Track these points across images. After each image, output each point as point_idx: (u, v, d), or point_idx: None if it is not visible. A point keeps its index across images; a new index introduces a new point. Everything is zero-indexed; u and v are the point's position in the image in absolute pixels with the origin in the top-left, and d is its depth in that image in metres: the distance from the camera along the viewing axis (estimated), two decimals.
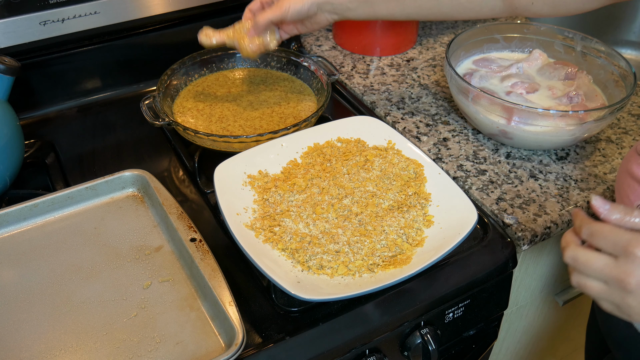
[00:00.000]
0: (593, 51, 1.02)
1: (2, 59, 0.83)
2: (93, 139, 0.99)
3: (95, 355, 0.65)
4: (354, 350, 0.70)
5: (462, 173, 0.91)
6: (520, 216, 0.84)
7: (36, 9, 0.92)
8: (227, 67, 1.08)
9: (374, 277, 0.71)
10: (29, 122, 1.00)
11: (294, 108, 1.00)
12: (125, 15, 1.00)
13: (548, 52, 1.07)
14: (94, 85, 1.06)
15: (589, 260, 0.54)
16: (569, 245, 0.56)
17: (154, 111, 0.91)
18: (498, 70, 1.04)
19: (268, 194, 0.81)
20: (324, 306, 0.72)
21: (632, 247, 0.51)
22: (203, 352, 0.65)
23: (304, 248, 0.73)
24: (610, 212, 0.54)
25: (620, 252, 0.52)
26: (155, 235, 0.78)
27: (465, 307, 0.78)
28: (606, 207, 0.54)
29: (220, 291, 0.68)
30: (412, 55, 1.20)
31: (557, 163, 0.94)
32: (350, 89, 1.11)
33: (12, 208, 0.78)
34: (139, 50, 1.06)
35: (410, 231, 0.76)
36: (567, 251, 0.56)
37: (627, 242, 0.51)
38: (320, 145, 0.89)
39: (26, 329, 0.67)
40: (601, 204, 0.54)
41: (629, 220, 0.53)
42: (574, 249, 0.55)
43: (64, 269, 0.74)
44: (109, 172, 0.83)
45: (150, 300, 0.70)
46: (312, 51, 1.21)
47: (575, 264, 0.55)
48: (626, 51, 1.40)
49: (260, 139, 0.88)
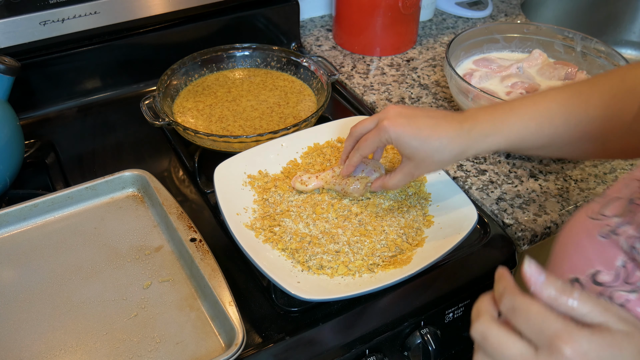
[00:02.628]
0: (593, 51, 1.02)
1: (2, 59, 0.83)
2: (93, 139, 0.99)
3: (95, 355, 0.65)
4: (354, 350, 0.70)
5: (462, 173, 0.91)
6: (520, 216, 0.84)
7: (36, 9, 0.92)
8: (227, 67, 1.08)
9: (374, 277, 0.71)
10: (29, 122, 1.00)
11: (294, 108, 1.00)
12: (125, 15, 1.00)
13: (548, 52, 1.07)
14: (94, 85, 1.06)
15: (501, 344, 0.42)
16: (481, 316, 0.44)
17: (154, 111, 0.91)
18: (498, 70, 1.04)
19: (268, 194, 0.81)
20: (324, 306, 0.72)
21: (560, 342, 0.39)
22: (203, 352, 0.65)
23: (304, 248, 0.73)
24: (544, 286, 0.42)
25: (543, 343, 0.40)
26: (155, 235, 0.78)
27: (465, 307, 0.78)
28: (541, 278, 0.42)
29: (220, 291, 0.68)
30: (412, 55, 1.20)
31: (557, 163, 0.94)
32: (350, 89, 1.11)
33: (12, 208, 0.78)
34: (139, 50, 1.06)
35: (410, 231, 0.76)
36: (477, 323, 0.44)
37: (555, 333, 0.40)
38: (320, 145, 0.89)
39: (26, 329, 0.67)
40: (535, 272, 0.42)
41: (564, 302, 0.41)
42: (487, 324, 0.43)
43: (64, 269, 0.74)
44: (109, 172, 0.83)
45: (150, 300, 0.70)
46: (312, 51, 1.21)
47: (483, 343, 0.43)
48: (626, 51, 1.40)
49: (260, 139, 0.88)
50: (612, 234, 0.54)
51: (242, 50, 1.08)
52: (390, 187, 0.76)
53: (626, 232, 0.52)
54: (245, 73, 1.08)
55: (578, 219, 0.59)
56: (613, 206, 0.56)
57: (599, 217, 0.56)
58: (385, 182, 0.76)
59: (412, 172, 0.74)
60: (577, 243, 0.57)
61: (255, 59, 1.09)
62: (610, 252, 0.53)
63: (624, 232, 0.53)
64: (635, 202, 0.53)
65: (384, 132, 0.71)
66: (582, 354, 0.39)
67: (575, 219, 0.59)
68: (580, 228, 0.58)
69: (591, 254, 0.55)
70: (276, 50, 1.08)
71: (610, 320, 0.41)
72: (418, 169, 0.73)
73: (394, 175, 0.75)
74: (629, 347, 0.40)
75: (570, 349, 0.39)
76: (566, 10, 1.43)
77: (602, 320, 0.41)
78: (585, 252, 0.56)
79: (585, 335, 0.40)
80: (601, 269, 0.53)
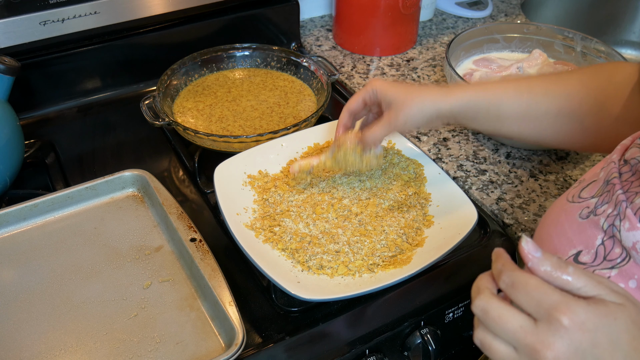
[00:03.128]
0: (593, 51, 1.02)
1: (2, 59, 0.83)
2: (93, 139, 0.99)
3: (95, 355, 0.65)
4: (354, 350, 0.70)
5: (462, 173, 0.91)
6: (520, 216, 0.84)
7: (36, 9, 0.92)
8: (227, 67, 1.08)
9: (374, 277, 0.71)
10: (29, 122, 1.00)
11: (294, 108, 1.00)
12: (125, 15, 1.00)
13: (548, 52, 1.07)
14: (94, 85, 1.06)
15: (502, 317, 0.43)
16: (481, 292, 0.45)
17: (154, 111, 0.91)
18: (498, 70, 1.04)
19: (268, 194, 0.81)
20: (324, 306, 0.72)
21: (558, 313, 0.41)
22: (203, 352, 0.65)
23: (304, 248, 0.73)
24: (540, 262, 0.43)
25: (542, 315, 0.42)
26: (155, 235, 0.78)
27: (465, 307, 0.78)
28: (537, 254, 0.43)
29: (220, 291, 0.68)
30: (412, 55, 1.20)
31: (557, 163, 0.94)
32: (350, 89, 1.11)
33: (12, 208, 0.78)
34: (139, 50, 1.06)
35: (410, 231, 0.76)
36: (477, 299, 0.45)
37: (553, 305, 0.41)
38: (320, 146, 0.89)
39: (26, 329, 0.67)
40: (532, 249, 0.43)
41: (559, 277, 0.43)
42: (487, 299, 0.45)
43: (64, 269, 0.74)
44: (109, 172, 0.83)
45: (150, 300, 0.70)
46: (312, 51, 1.21)
47: (484, 318, 0.44)
48: (626, 51, 1.40)
49: (260, 139, 0.88)
50: (592, 215, 0.55)
51: (242, 50, 1.08)
52: (372, 138, 0.75)
53: (605, 211, 0.54)
54: (245, 73, 1.08)
55: (558, 204, 0.61)
56: (590, 188, 0.57)
57: (577, 200, 0.58)
58: (365, 134, 0.76)
59: (391, 118, 0.73)
60: (558, 225, 0.59)
61: (255, 59, 1.09)
62: (590, 232, 0.55)
63: (603, 212, 0.54)
64: (612, 182, 0.55)
65: (369, 86, 0.77)
66: (579, 323, 0.41)
67: (556, 204, 0.61)
68: (560, 211, 0.59)
69: (571, 235, 0.57)
70: (276, 50, 1.08)
71: (603, 293, 0.42)
72: (397, 113, 0.73)
73: (373, 125, 0.75)
74: (622, 316, 0.42)
75: (568, 319, 0.41)
76: (566, 10, 1.43)
77: (596, 293, 0.42)
78: (566, 233, 0.58)
79: (582, 306, 0.41)
80: (582, 249, 0.55)
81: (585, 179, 0.60)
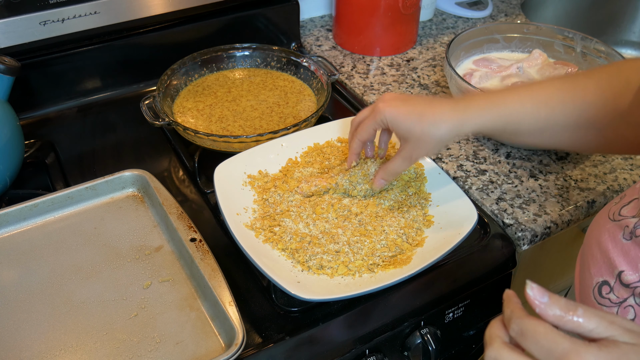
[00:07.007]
0: (593, 51, 1.02)
1: (2, 59, 0.83)
2: (93, 139, 0.99)
3: (95, 355, 0.65)
4: (354, 350, 0.70)
5: (462, 173, 0.91)
6: (520, 216, 0.84)
7: (36, 9, 0.92)
8: (227, 67, 1.08)
9: (374, 277, 0.71)
10: (29, 122, 1.00)
11: (294, 108, 1.00)
12: (125, 15, 1.00)
13: (548, 52, 1.07)
14: (94, 85, 1.06)
15: None
16: (493, 342, 0.45)
17: (154, 111, 0.91)
18: (498, 70, 1.04)
19: (268, 194, 0.81)
20: (324, 306, 0.72)
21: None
22: (203, 352, 0.65)
23: (304, 248, 0.73)
24: (548, 307, 0.42)
25: None
26: (155, 235, 0.78)
27: (465, 307, 0.78)
28: (544, 299, 0.42)
29: (220, 291, 0.68)
30: (412, 55, 1.20)
31: (557, 163, 0.94)
32: (350, 89, 1.11)
33: (12, 208, 0.78)
34: (139, 50, 1.06)
35: (410, 231, 0.76)
36: (489, 350, 0.45)
37: (563, 353, 0.40)
38: (320, 145, 0.89)
39: (26, 329, 0.67)
40: (538, 295, 0.42)
41: (570, 319, 0.42)
42: (499, 349, 0.44)
43: (64, 269, 0.74)
44: (109, 172, 0.83)
45: (150, 300, 0.70)
46: (312, 51, 1.21)
47: None
48: (626, 51, 1.40)
49: (260, 139, 0.88)
50: (634, 236, 0.57)
51: (242, 50, 1.08)
52: (390, 173, 0.76)
53: None
54: (245, 73, 1.08)
55: (600, 221, 0.62)
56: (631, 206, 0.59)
57: (617, 218, 0.59)
58: (384, 168, 0.76)
59: (411, 153, 0.73)
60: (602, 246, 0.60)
61: (255, 59, 1.09)
62: (633, 253, 0.56)
63: None
64: None
65: (379, 113, 0.72)
66: None
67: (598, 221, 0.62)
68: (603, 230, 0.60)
69: (615, 256, 0.58)
70: (276, 50, 1.08)
71: (616, 333, 0.41)
72: (416, 149, 0.72)
73: (393, 160, 0.75)
74: (636, 358, 0.40)
75: None
76: (566, 10, 1.43)
77: (609, 334, 0.41)
78: (610, 254, 0.59)
79: (593, 351, 0.40)
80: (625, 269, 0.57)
81: (626, 194, 0.61)
